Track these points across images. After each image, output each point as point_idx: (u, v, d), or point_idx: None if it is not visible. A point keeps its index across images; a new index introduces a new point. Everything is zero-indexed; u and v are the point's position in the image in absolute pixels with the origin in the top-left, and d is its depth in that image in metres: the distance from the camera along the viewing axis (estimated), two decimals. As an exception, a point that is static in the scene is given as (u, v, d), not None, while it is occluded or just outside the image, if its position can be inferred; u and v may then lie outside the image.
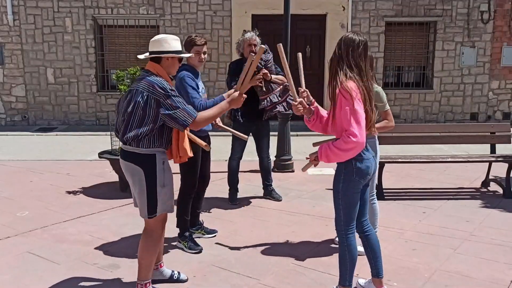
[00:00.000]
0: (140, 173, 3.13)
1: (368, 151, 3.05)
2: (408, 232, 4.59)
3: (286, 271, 3.78)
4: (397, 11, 11.40)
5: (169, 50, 3.19)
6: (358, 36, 2.97)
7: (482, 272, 3.73)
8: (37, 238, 4.48)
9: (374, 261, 3.25)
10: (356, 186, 3.03)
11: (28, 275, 3.71)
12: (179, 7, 11.23)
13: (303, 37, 11.43)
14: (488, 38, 11.54)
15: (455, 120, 11.78)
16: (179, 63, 3.33)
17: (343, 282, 3.16)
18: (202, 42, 4.13)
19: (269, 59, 5.16)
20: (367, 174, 3.02)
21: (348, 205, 3.07)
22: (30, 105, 11.60)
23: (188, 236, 4.20)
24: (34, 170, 7.14)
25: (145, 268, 3.25)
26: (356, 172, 2.98)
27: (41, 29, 11.29)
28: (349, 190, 3.03)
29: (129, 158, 3.15)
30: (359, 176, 2.99)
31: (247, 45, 5.16)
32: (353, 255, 3.13)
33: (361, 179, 3.01)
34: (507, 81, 11.78)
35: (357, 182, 3.01)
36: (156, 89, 3.06)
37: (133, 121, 3.09)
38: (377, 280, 3.27)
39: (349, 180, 3.01)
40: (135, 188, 3.20)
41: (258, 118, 5.31)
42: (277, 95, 5.19)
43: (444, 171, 6.91)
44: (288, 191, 5.95)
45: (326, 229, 4.65)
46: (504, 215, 5.10)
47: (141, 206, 3.20)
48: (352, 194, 3.05)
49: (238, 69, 5.08)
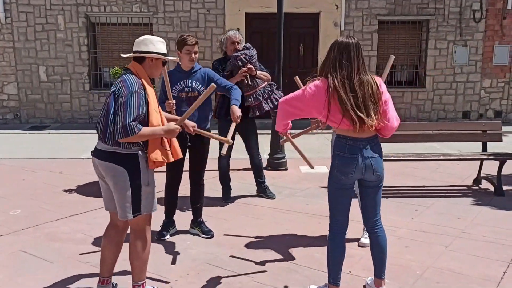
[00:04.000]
0: (124, 173, 3.02)
1: (353, 149, 3.04)
2: (401, 229, 4.62)
3: (280, 269, 3.79)
4: (390, 10, 11.44)
5: (153, 51, 3.12)
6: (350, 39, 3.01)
7: (474, 269, 3.77)
8: (30, 236, 4.47)
9: (378, 261, 3.26)
10: (337, 181, 3.09)
11: (21, 273, 3.70)
12: (172, 5, 11.20)
13: (297, 36, 11.44)
14: (480, 37, 11.62)
15: (447, 118, 11.86)
16: (163, 66, 3.24)
17: (328, 278, 3.22)
18: (193, 41, 4.18)
19: (253, 54, 5.23)
20: (347, 173, 3.05)
21: (330, 200, 3.18)
22: (23, 103, 11.54)
23: (165, 223, 4.49)
24: (26, 169, 7.11)
25: (139, 269, 3.20)
26: (337, 167, 3.07)
27: (33, 26, 11.22)
28: (331, 185, 3.14)
29: (110, 159, 3.03)
30: (340, 172, 3.06)
31: (230, 43, 5.29)
32: (334, 253, 3.15)
33: (342, 175, 3.06)
34: (498, 79, 11.87)
35: (338, 177, 3.07)
36: (123, 86, 2.97)
37: (110, 120, 2.99)
38: (378, 280, 3.29)
39: (331, 175, 3.14)
40: (115, 189, 3.06)
41: (244, 116, 5.32)
42: (262, 91, 5.25)
43: (437, 169, 6.96)
44: (281, 189, 5.97)
45: (320, 227, 4.67)
46: (495, 213, 5.15)
47: (122, 207, 3.07)
48: (333, 189, 3.12)
49: (221, 67, 5.19)
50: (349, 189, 3.15)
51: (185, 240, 4.37)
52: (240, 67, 5.12)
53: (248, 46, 5.30)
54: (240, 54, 5.15)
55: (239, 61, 5.12)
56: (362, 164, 3.05)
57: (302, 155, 3.85)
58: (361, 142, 3.05)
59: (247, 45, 5.32)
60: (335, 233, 3.18)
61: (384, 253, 3.26)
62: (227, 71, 5.22)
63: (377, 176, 3.13)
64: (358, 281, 3.59)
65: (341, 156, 3.06)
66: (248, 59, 5.15)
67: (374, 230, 3.26)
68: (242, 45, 5.31)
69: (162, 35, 11.08)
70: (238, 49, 5.25)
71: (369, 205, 3.22)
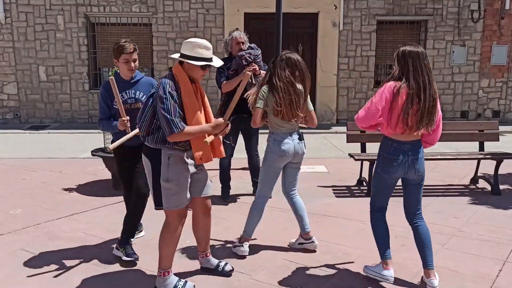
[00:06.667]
0: (148, 165, 3.31)
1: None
2: (398, 228, 4.65)
3: (278, 267, 3.83)
4: (388, 10, 11.48)
5: (191, 56, 3.24)
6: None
7: (469, 267, 3.81)
8: (30, 235, 4.51)
9: (423, 252, 3.51)
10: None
11: (22, 272, 3.74)
12: (172, 5, 11.23)
13: (295, 36, 11.47)
14: (478, 37, 11.65)
15: (445, 118, 11.83)
16: (202, 70, 3.31)
17: (380, 256, 3.64)
18: (131, 49, 3.85)
19: (257, 54, 5.29)
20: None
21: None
22: (22, 103, 11.57)
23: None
24: (26, 168, 7.15)
25: (163, 257, 3.38)
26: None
27: (33, 26, 11.25)
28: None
29: (143, 150, 3.37)
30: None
31: (235, 43, 5.34)
32: (377, 232, 3.69)
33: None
34: (496, 79, 11.91)
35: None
36: (159, 88, 3.21)
37: (143, 116, 3.28)
38: (426, 271, 3.48)
39: None
40: (148, 179, 3.40)
41: (248, 116, 5.35)
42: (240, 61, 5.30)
43: (434, 168, 7.00)
44: (280, 188, 5.98)
45: (317, 225, 4.71)
46: (491, 212, 5.19)
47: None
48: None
49: (226, 66, 5.22)
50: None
51: (184, 239, 4.38)
52: (244, 66, 5.17)
53: (253, 46, 5.37)
54: (245, 53, 5.22)
55: (244, 60, 5.18)
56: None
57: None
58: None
59: (252, 45, 5.38)
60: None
61: (426, 242, 3.50)
62: (232, 70, 5.27)
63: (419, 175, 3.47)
64: (356, 279, 3.63)
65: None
66: (252, 59, 5.21)
67: (414, 221, 3.57)
68: (247, 46, 5.36)
69: (161, 35, 11.13)
70: (243, 49, 5.32)
71: (405, 195, 3.63)
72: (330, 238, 4.42)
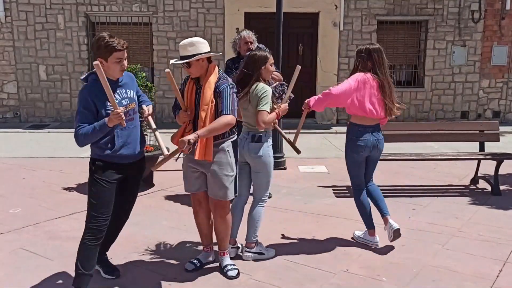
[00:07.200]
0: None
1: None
2: (398, 228, 4.66)
3: (278, 267, 3.83)
4: (389, 10, 11.47)
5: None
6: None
7: (469, 267, 3.81)
8: (29, 234, 4.50)
9: (378, 204, 4.20)
10: None
11: (21, 271, 3.74)
12: (172, 5, 11.22)
13: (296, 35, 11.47)
14: (478, 37, 11.65)
15: (446, 118, 11.89)
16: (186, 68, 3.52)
17: (365, 225, 4.34)
18: (124, 46, 3.28)
19: (282, 89, 5.22)
20: None
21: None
22: (22, 102, 11.56)
23: None
24: (26, 167, 7.14)
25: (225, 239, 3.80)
26: None
27: (33, 25, 11.24)
28: None
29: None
30: None
31: (243, 43, 5.31)
32: (360, 207, 4.31)
33: None
34: (497, 80, 11.90)
35: None
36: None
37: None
38: (384, 219, 4.14)
39: None
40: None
41: None
42: (273, 91, 5.26)
43: (434, 168, 7.00)
44: (279, 188, 5.99)
45: (317, 225, 4.71)
46: (491, 212, 5.19)
47: None
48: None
49: (234, 66, 5.20)
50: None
51: (184, 238, 4.39)
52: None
53: (261, 47, 5.29)
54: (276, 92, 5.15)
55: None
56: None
57: (287, 140, 4.30)
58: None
59: (260, 46, 5.33)
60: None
61: (379, 196, 4.21)
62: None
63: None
64: (356, 279, 3.63)
65: None
66: (280, 94, 5.15)
67: (368, 185, 4.25)
68: (255, 45, 5.32)
69: (161, 34, 11.12)
70: (251, 49, 5.20)
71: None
72: (330, 238, 4.42)
